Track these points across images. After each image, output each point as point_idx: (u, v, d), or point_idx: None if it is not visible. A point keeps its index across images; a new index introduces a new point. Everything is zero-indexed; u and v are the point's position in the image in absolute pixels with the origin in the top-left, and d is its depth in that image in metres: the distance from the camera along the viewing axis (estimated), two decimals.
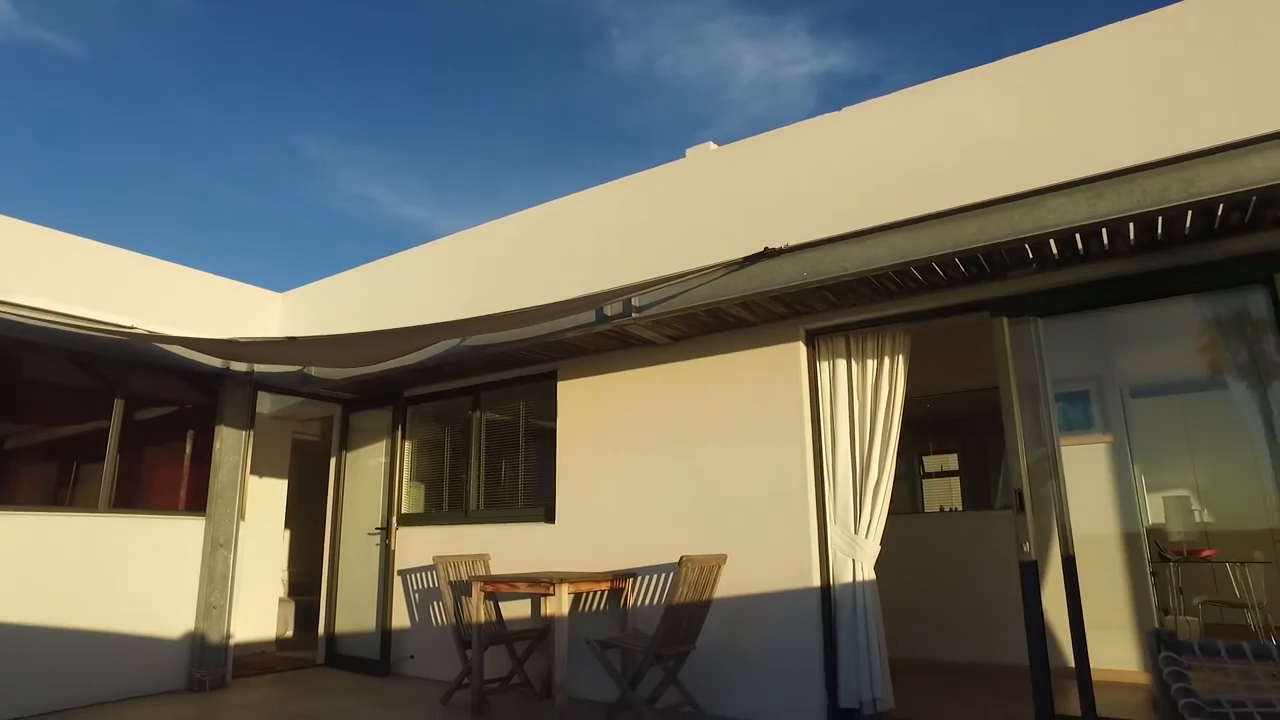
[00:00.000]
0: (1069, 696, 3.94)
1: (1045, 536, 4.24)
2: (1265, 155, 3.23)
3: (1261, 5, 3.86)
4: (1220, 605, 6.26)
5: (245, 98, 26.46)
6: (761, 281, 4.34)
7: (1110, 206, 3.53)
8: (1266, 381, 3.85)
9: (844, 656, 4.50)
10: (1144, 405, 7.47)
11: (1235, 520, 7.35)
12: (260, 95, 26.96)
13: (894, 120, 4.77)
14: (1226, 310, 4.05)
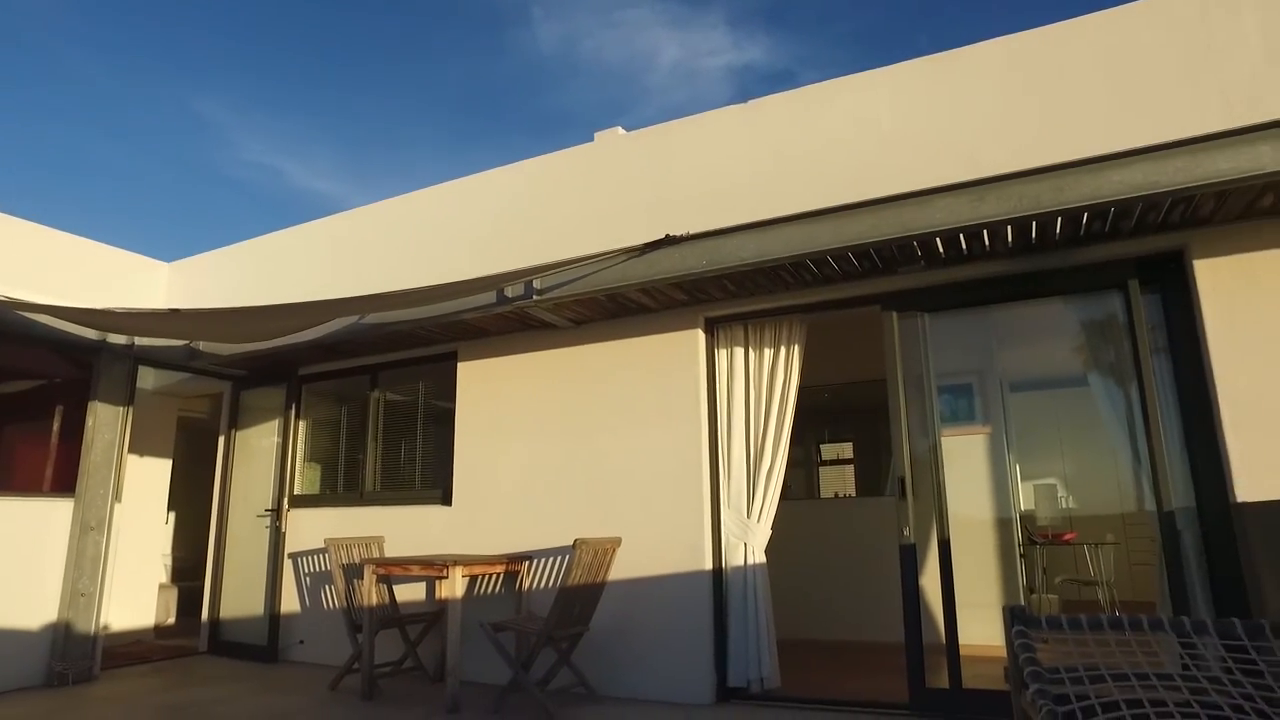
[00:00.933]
0: (941, 671, 4.18)
1: (928, 521, 4.45)
2: (1121, 170, 3.46)
3: (1129, 30, 4.15)
4: (1077, 583, 6.75)
5: (138, 51, 24.82)
6: (662, 268, 4.39)
7: (991, 209, 3.72)
8: (1122, 380, 4.14)
9: (734, 637, 4.63)
10: (1021, 399, 7.95)
11: (1094, 506, 7.93)
12: (157, 52, 25.34)
13: (798, 115, 4.89)
14: (1090, 312, 4.34)
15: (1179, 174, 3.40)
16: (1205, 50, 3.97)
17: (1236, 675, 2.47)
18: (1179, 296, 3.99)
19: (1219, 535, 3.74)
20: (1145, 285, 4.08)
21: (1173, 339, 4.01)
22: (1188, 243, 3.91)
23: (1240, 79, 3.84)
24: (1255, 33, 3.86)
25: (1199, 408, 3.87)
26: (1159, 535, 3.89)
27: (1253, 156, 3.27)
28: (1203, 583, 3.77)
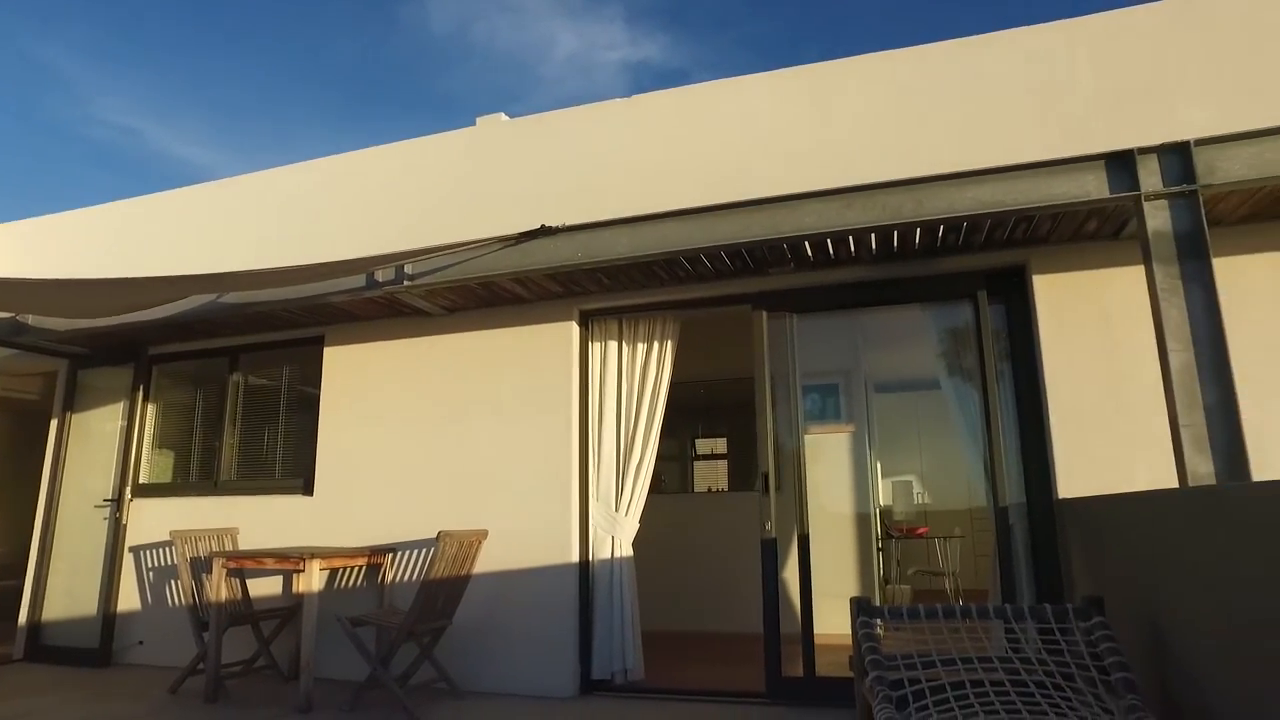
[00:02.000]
0: (798, 660, 4.34)
1: (791, 516, 4.60)
2: (975, 187, 3.69)
3: (986, 58, 4.42)
4: (928, 574, 7.18)
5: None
6: (536, 259, 4.35)
7: (857, 216, 3.88)
8: (970, 384, 4.42)
9: (599, 630, 4.65)
10: (884, 400, 8.37)
11: (947, 502, 8.46)
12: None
13: (680, 113, 4.96)
14: (945, 319, 4.60)
15: (1022, 195, 3.65)
16: (1049, 83, 4.28)
17: (1043, 655, 2.70)
18: (1020, 309, 4.29)
19: (1043, 528, 4.06)
20: (992, 296, 4.36)
21: (1014, 348, 4.31)
22: (1029, 259, 4.21)
23: (1075, 112, 4.17)
24: (1088, 72, 4.20)
25: (1033, 412, 4.18)
26: (994, 528, 4.18)
27: (1081, 184, 3.56)
28: (1028, 571, 4.08)
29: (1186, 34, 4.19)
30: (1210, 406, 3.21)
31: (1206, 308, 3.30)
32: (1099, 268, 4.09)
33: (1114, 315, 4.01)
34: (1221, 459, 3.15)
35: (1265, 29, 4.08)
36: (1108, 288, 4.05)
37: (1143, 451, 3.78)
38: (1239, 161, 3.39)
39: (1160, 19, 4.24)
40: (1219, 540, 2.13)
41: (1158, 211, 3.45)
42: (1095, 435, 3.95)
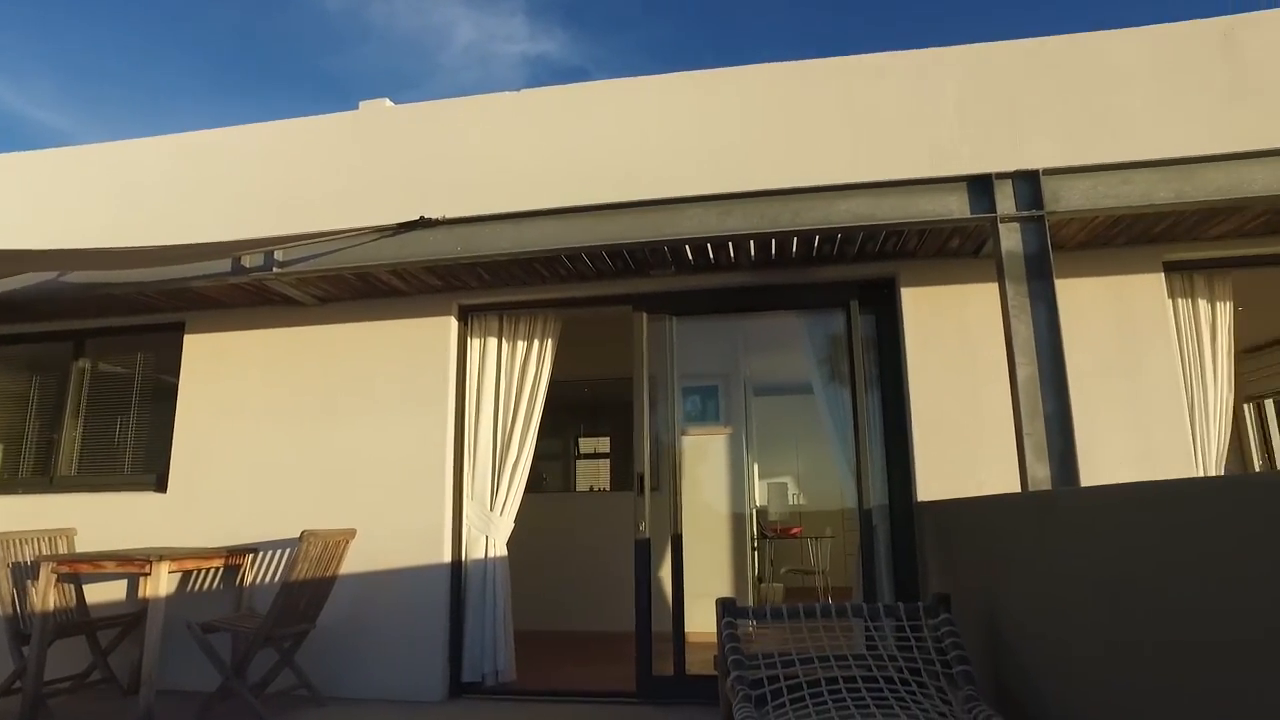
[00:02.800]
0: (669, 658, 4.38)
1: (667, 516, 4.64)
2: (849, 200, 3.83)
3: (863, 75, 4.60)
4: (800, 573, 7.44)
5: None
6: (415, 251, 4.21)
7: (737, 223, 3.96)
8: (841, 390, 4.59)
9: (470, 632, 4.56)
10: (762, 402, 8.59)
11: (820, 502, 8.78)
12: None
13: (569, 111, 4.92)
14: (819, 327, 4.76)
15: (893, 210, 3.82)
16: (919, 105, 4.51)
17: (894, 652, 2.83)
18: (889, 319, 4.49)
19: (904, 529, 4.26)
20: (864, 306, 4.55)
21: (882, 357, 4.50)
22: (898, 272, 4.42)
23: (941, 135, 4.41)
24: (953, 97, 4.44)
25: (898, 418, 4.38)
26: (859, 529, 4.36)
27: (945, 203, 3.76)
28: (889, 569, 4.27)
29: (1038, 72, 4.50)
30: (1049, 416, 3.46)
31: (1049, 325, 3.54)
32: (960, 283, 4.34)
33: (972, 328, 4.26)
34: (1057, 464, 3.40)
35: (1102, 74, 4.43)
36: (967, 303, 4.30)
37: (993, 457, 4.02)
38: (1078, 192, 3.66)
39: (1016, 55, 4.54)
40: (1046, 542, 2.29)
41: (1011, 233, 3.69)
42: (952, 441, 4.18)
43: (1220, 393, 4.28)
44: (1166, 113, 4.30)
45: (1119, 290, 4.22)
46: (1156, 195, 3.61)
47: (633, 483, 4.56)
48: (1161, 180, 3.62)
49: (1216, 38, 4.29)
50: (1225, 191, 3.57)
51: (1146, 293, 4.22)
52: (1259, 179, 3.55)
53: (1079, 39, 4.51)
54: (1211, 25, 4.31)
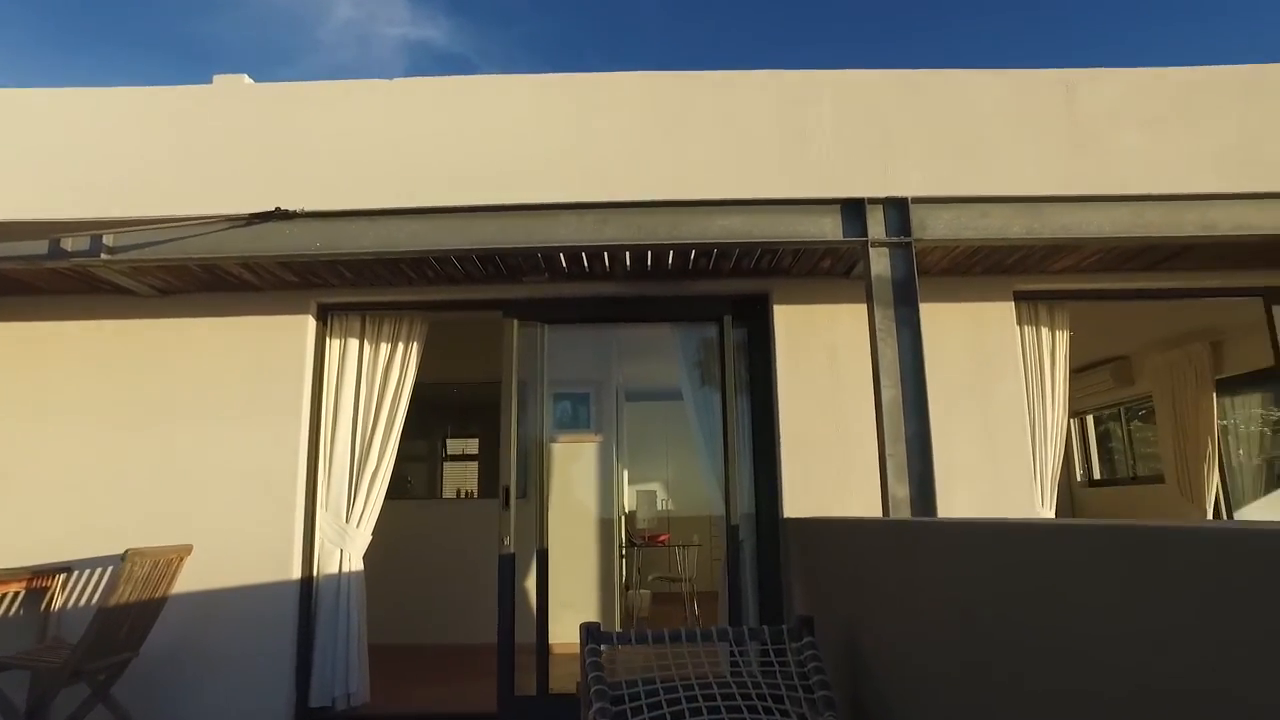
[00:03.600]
0: (533, 676, 4.25)
1: (533, 526, 4.51)
2: (726, 217, 3.83)
3: (744, 91, 4.63)
4: (667, 580, 7.48)
5: None
6: (269, 245, 3.88)
7: (614, 233, 3.88)
8: (712, 403, 4.61)
9: (320, 653, 4.26)
10: (635, 408, 8.60)
11: (689, 509, 8.87)
12: None
13: (444, 104, 4.68)
14: (693, 339, 4.77)
15: (769, 228, 3.85)
16: (799, 126, 4.58)
17: (758, 677, 2.83)
18: (762, 335, 4.55)
19: (770, 544, 4.32)
20: (737, 321, 4.58)
21: (754, 371, 4.55)
22: (771, 289, 4.47)
23: (818, 156, 4.49)
24: (830, 119, 4.54)
25: (768, 433, 4.44)
26: (725, 542, 4.38)
27: (820, 225, 3.83)
28: (754, 585, 4.32)
29: (909, 103, 4.67)
30: (910, 438, 3.57)
31: (913, 349, 3.66)
32: (830, 302, 4.44)
33: (840, 348, 4.37)
34: (916, 485, 3.52)
35: (967, 111, 4.66)
36: (837, 322, 4.41)
37: (859, 474, 4.13)
38: (943, 222, 3.81)
39: (889, 83, 4.70)
40: (903, 570, 2.33)
41: (881, 257, 3.79)
42: (819, 458, 4.27)
43: (1056, 413, 4.59)
44: (1021, 152, 4.55)
45: (975, 316, 4.45)
46: (1010, 230, 3.81)
47: (500, 469, 4.40)
48: (1015, 216, 3.82)
49: (1061, 88, 4.59)
50: (1068, 230, 3.81)
51: (999, 320, 4.46)
52: (1094, 221, 3.81)
53: (947, 74, 4.71)
54: (1058, 75, 4.61)
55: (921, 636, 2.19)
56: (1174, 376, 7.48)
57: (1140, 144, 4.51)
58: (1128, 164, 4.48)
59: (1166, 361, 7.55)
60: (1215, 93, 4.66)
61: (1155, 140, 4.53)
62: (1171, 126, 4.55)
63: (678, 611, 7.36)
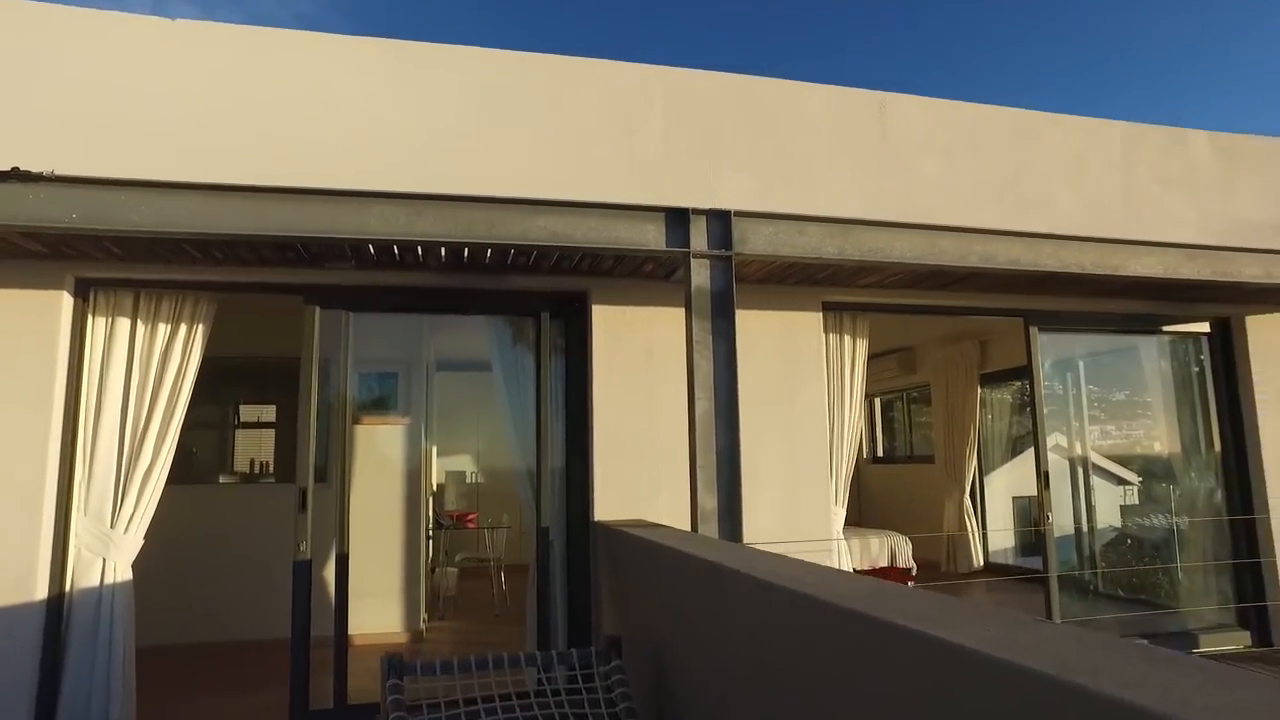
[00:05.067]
0: (330, 686, 4.02)
1: (340, 517, 4.22)
2: (548, 217, 3.69)
3: (571, 81, 4.47)
4: (475, 560, 7.38)
5: None
6: (7, 211, 3.27)
7: (428, 227, 3.62)
8: (526, 400, 4.50)
9: (72, 679, 3.74)
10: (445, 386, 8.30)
11: (499, 489, 8.75)
12: None
13: (237, 59, 4.16)
14: (509, 334, 4.63)
15: (592, 232, 3.75)
16: (629, 123, 4.50)
17: (563, 702, 2.83)
18: (579, 333, 4.48)
19: (580, 545, 4.33)
20: (555, 318, 4.49)
21: (570, 370, 4.49)
22: (591, 288, 4.41)
23: (647, 161, 4.45)
24: (660, 124, 4.50)
25: (582, 434, 4.41)
26: (534, 546, 4.34)
27: (644, 232, 3.78)
28: (563, 589, 4.32)
29: (737, 109, 4.73)
30: (720, 450, 3.67)
31: (728, 362, 3.74)
32: (650, 305, 4.45)
33: (657, 351, 4.40)
34: (724, 497, 3.63)
35: (792, 123, 4.79)
36: (655, 325, 4.43)
37: (667, 483, 4.22)
38: (763, 237, 3.90)
39: (718, 87, 4.72)
40: (707, 601, 2.40)
41: (701, 269, 3.81)
42: (632, 461, 4.31)
43: (853, 417, 4.92)
44: (837, 169, 4.77)
45: (786, 324, 4.64)
46: (824, 249, 3.97)
47: (297, 469, 4.07)
48: (829, 236, 3.99)
49: (875, 108, 4.83)
50: (874, 254, 4.03)
51: (807, 328, 4.68)
52: (897, 247, 4.06)
53: (777, 84, 4.81)
54: (872, 97, 4.84)
55: (727, 674, 2.26)
56: (949, 369, 8.30)
57: (937, 172, 4.86)
58: (926, 190, 4.81)
59: (944, 356, 8.36)
60: (993, 131, 5.10)
61: (949, 169, 4.90)
62: (962, 158, 4.93)
63: (485, 587, 7.28)
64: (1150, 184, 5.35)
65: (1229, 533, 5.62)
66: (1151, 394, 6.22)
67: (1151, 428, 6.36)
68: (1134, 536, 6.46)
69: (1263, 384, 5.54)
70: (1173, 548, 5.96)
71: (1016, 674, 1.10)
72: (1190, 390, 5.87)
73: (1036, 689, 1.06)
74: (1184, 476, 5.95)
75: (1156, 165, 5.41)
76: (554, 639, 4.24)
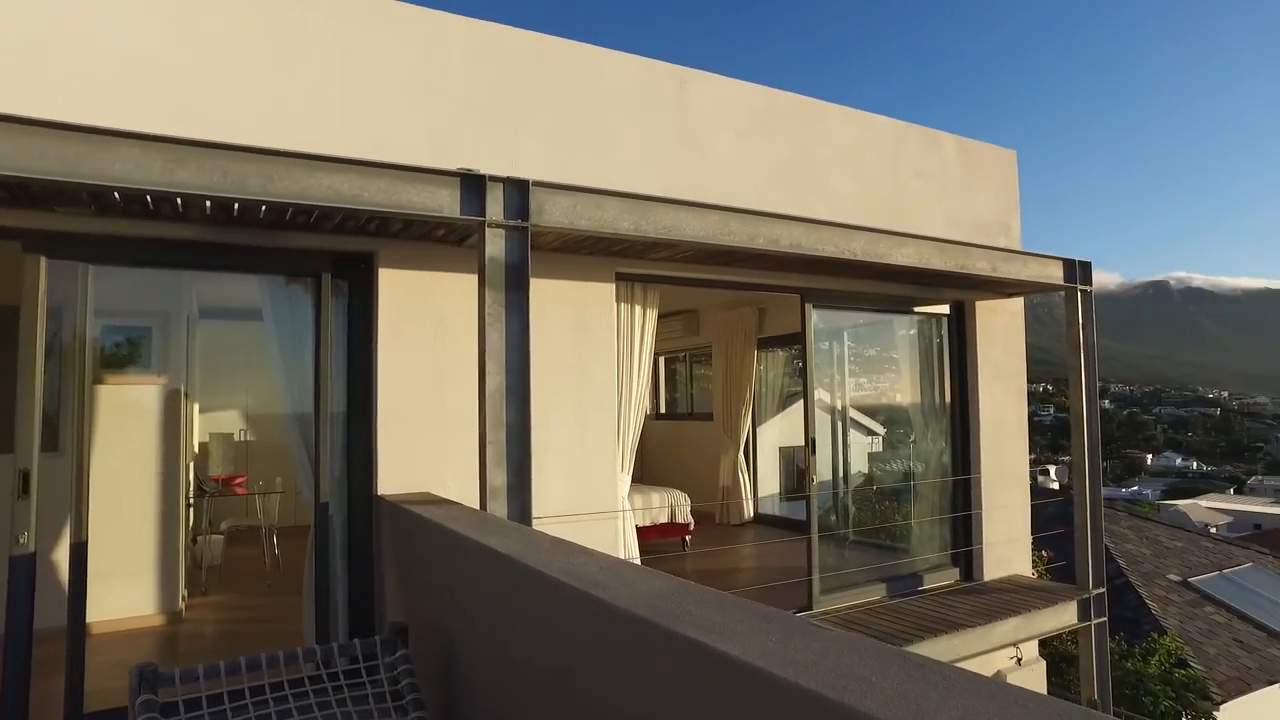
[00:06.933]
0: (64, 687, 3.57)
1: (75, 492, 3.71)
2: (332, 175, 3.38)
3: (370, 25, 4.12)
4: (245, 527, 6.86)
5: None
6: None
7: (189, 178, 3.18)
8: (304, 364, 4.18)
9: None
10: (212, 336, 7.52)
11: (272, 447, 8.12)
12: None
13: None
14: (286, 295, 4.24)
15: (381, 195, 3.50)
16: (426, 84, 4.22)
17: (345, 696, 2.72)
18: (364, 297, 4.21)
19: (362, 521, 4.14)
20: (338, 279, 4.18)
21: (354, 335, 4.22)
22: (378, 249, 4.14)
23: (443, 124, 4.21)
24: (460, 81, 4.27)
25: (365, 404, 4.18)
26: (313, 521, 4.09)
27: (436, 197, 3.58)
28: (344, 565, 4.12)
29: (540, 71, 4.59)
30: (511, 425, 3.63)
31: (520, 336, 3.69)
32: (441, 270, 4.27)
33: (447, 320, 4.24)
34: (514, 472, 3.61)
35: (595, 91, 4.74)
36: (447, 292, 4.26)
37: (456, 456, 4.12)
38: (560, 209, 3.85)
39: (523, 46, 4.55)
40: (506, 598, 2.39)
41: (496, 239, 3.70)
42: (418, 434, 4.16)
43: (641, 385, 5.07)
44: (637, 144, 4.79)
45: (581, 294, 4.65)
46: (620, 225, 4.00)
47: (17, 447, 3.52)
48: (626, 211, 4.01)
49: (677, 83, 4.90)
50: (668, 231, 4.12)
51: (600, 299, 4.72)
52: (691, 226, 4.18)
53: (582, 49, 4.71)
54: (674, 71, 4.90)
55: (520, 666, 2.28)
56: (729, 333, 8.79)
57: (732, 152, 5.05)
58: (721, 169, 4.98)
59: (725, 320, 8.83)
60: (785, 115, 5.38)
61: (743, 150, 5.10)
62: (756, 140, 5.16)
63: (257, 554, 6.80)
64: (911, 179, 5.92)
65: (950, 486, 6.51)
66: (901, 365, 6.98)
67: (898, 394, 7.16)
68: (878, 482, 7.29)
69: (984, 361, 6.41)
70: (908, 497, 6.80)
71: (794, 692, 1.19)
72: (931, 363, 6.66)
73: (813, 706, 1.16)
74: (921, 437, 6.78)
75: (917, 163, 5.99)
76: (334, 624, 4.05)
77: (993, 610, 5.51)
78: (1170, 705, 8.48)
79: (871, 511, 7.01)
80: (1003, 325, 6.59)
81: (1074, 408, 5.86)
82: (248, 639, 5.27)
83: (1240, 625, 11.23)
